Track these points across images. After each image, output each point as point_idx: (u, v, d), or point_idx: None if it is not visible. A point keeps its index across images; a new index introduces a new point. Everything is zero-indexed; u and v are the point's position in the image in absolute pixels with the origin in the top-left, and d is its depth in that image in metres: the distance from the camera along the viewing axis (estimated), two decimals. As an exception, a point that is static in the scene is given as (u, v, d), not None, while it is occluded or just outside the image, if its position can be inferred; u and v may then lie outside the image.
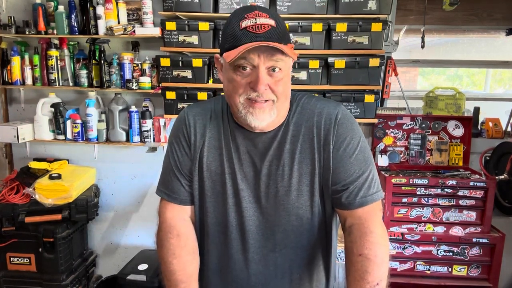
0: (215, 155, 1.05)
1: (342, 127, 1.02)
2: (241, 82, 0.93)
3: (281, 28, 0.93)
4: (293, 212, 1.03)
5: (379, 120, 2.61)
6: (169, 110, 2.50)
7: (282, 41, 0.91)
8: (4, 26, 2.48)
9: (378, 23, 2.27)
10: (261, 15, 0.91)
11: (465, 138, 2.62)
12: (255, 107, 0.94)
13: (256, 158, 1.03)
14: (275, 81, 0.93)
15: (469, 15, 2.81)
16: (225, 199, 1.05)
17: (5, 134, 2.53)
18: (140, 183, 2.84)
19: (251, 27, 0.90)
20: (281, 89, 0.95)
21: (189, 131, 1.07)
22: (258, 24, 0.90)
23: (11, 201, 2.46)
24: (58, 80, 2.56)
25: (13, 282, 2.54)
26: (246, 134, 1.03)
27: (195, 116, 1.08)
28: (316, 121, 1.02)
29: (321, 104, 1.05)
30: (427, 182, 2.28)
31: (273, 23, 0.91)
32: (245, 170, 1.03)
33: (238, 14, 0.94)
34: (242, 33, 0.90)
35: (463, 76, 5.63)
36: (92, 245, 2.93)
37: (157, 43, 2.51)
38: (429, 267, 2.34)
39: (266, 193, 1.03)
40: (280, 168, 1.02)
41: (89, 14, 2.45)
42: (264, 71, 0.92)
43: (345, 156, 1.01)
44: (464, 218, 2.32)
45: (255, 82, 0.91)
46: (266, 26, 0.90)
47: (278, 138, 1.02)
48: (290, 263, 1.07)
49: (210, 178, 1.06)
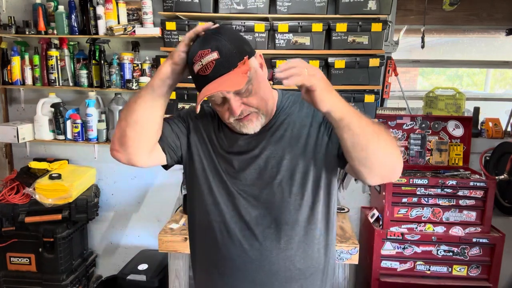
0: (206, 148, 1.12)
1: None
2: (222, 111, 1.02)
3: (226, 55, 0.93)
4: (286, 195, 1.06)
5: (379, 120, 2.61)
6: (169, 110, 2.49)
7: (230, 67, 0.93)
8: (4, 26, 2.48)
9: (378, 23, 2.27)
10: (204, 54, 0.93)
11: (465, 138, 2.62)
12: (243, 121, 1.02)
13: (250, 145, 1.08)
14: (248, 98, 0.99)
15: (469, 15, 2.81)
16: (224, 184, 1.08)
17: (5, 134, 2.53)
18: (140, 183, 2.84)
19: (201, 70, 0.94)
20: (256, 101, 1.00)
21: (195, 115, 1.15)
22: (205, 65, 0.93)
23: (11, 201, 2.46)
24: (58, 80, 2.56)
25: (13, 282, 2.54)
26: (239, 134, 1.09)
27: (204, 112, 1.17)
28: (298, 111, 1.10)
29: (298, 97, 1.12)
30: (427, 182, 2.28)
31: (216, 55, 0.93)
32: (239, 164, 1.08)
33: (190, 57, 0.98)
34: (196, 78, 0.97)
35: (463, 76, 5.63)
36: (92, 245, 2.93)
37: (157, 43, 2.51)
38: (429, 267, 2.34)
39: (260, 179, 1.07)
40: (273, 159, 1.06)
41: (89, 14, 2.45)
42: (233, 98, 0.97)
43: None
44: (464, 218, 2.32)
45: (231, 111, 0.99)
46: (210, 63, 0.93)
47: (270, 128, 1.08)
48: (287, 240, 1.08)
49: (203, 170, 1.13)
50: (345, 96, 2.37)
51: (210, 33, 0.97)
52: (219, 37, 0.95)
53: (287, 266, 1.06)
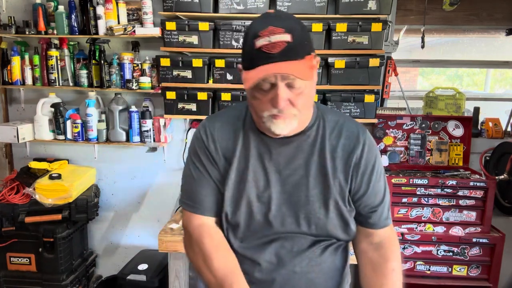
0: (240, 165, 1.05)
1: (370, 152, 1.06)
2: (262, 100, 0.93)
3: (298, 41, 0.88)
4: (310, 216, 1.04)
5: (379, 120, 2.61)
6: (169, 110, 2.50)
7: (298, 56, 0.88)
8: (4, 26, 2.48)
9: (378, 23, 2.27)
10: (276, 31, 0.86)
11: (465, 138, 2.62)
12: (277, 118, 0.94)
13: (280, 163, 1.04)
14: (296, 94, 0.92)
15: (469, 15, 2.81)
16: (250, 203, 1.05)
17: (5, 134, 2.53)
18: (140, 183, 2.84)
19: (266, 47, 0.87)
20: (301, 102, 0.94)
21: (209, 144, 1.06)
22: (273, 42, 0.86)
23: (11, 201, 2.46)
24: (58, 80, 2.56)
25: (13, 282, 2.54)
26: (268, 140, 1.03)
27: (215, 130, 1.07)
28: (343, 143, 1.04)
29: (348, 124, 1.07)
30: (427, 182, 2.28)
31: (289, 38, 0.87)
32: (269, 176, 1.04)
33: (254, 30, 0.90)
34: (257, 54, 0.88)
35: (463, 76, 5.64)
36: (92, 245, 2.93)
37: (157, 43, 2.51)
38: (429, 267, 2.34)
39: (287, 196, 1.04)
40: (304, 178, 1.03)
41: (89, 14, 2.45)
42: (283, 88, 0.90)
43: (376, 181, 1.07)
44: (464, 218, 2.32)
45: (275, 100, 0.91)
46: (280, 44, 0.86)
47: (302, 147, 1.04)
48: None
49: (236, 186, 1.05)
50: (345, 96, 2.39)
51: (283, 13, 0.91)
52: (293, 21, 0.91)
53: None
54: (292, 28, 0.88)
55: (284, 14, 0.95)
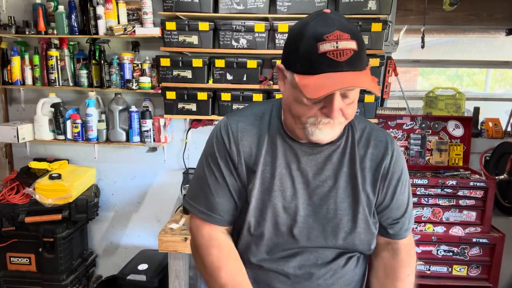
0: (266, 173, 0.99)
1: (397, 163, 1.03)
2: (312, 107, 0.87)
3: (362, 49, 0.83)
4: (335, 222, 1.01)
5: (379, 120, 2.61)
6: (169, 110, 2.49)
7: (363, 66, 0.83)
8: (4, 26, 2.48)
9: (378, 23, 2.26)
10: (343, 37, 0.80)
11: (465, 138, 2.62)
12: (326, 125, 0.90)
13: (309, 172, 0.99)
14: (347, 104, 0.88)
15: (469, 15, 2.82)
16: (276, 210, 1.00)
17: (5, 134, 2.53)
18: (140, 183, 2.84)
19: (332, 53, 0.80)
20: (351, 112, 0.90)
21: (231, 148, 1.00)
22: (340, 49, 0.80)
23: (11, 201, 2.46)
24: (58, 80, 2.56)
25: (13, 282, 2.54)
26: (296, 147, 0.99)
27: (238, 132, 1.00)
28: (371, 153, 1.02)
29: (376, 132, 1.05)
30: (427, 182, 2.28)
31: (355, 46, 0.81)
32: (296, 186, 0.99)
33: (315, 31, 0.82)
34: (321, 59, 0.81)
35: (463, 76, 5.63)
36: (92, 245, 2.93)
37: (157, 43, 2.51)
38: (429, 267, 2.34)
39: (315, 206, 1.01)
40: (333, 190, 1.00)
41: (89, 14, 2.45)
42: (339, 98, 0.85)
43: (400, 193, 1.04)
44: (464, 218, 2.32)
45: (329, 111, 0.85)
46: (348, 51, 0.80)
47: (331, 157, 1.00)
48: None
49: (261, 196, 0.99)
50: (345, 96, 2.38)
51: (340, 15, 0.85)
52: (353, 25, 0.85)
53: None
54: (356, 34, 0.83)
55: (341, 16, 0.87)
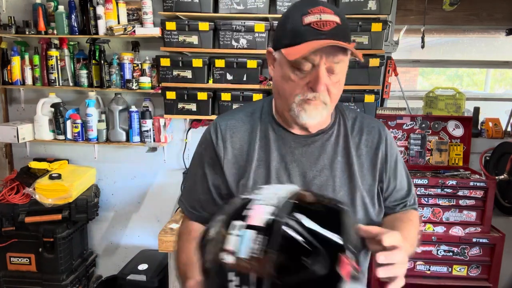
0: (260, 168, 1.00)
1: (392, 147, 1.05)
2: (298, 82, 0.89)
3: (346, 26, 0.88)
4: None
5: (379, 120, 2.61)
6: (169, 110, 2.50)
7: (346, 39, 0.87)
8: (4, 26, 2.48)
9: (378, 23, 2.27)
10: (326, 11, 0.85)
11: (465, 138, 2.62)
12: (310, 104, 0.90)
13: (305, 164, 0.99)
14: (333, 82, 0.90)
15: (469, 15, 2.81)
16: None
17: (5, 134, 2.53)
18: (140, 183, 2.84)
19: (316, 23, 0.84)
20: (336, 91, 0.91)
21: (218, 145, 1.01)
22: (323, 20, 0.84)
23: (11, 201, 2.46)
24: (58, 80, 2.56)
25: (13, 282, 2.54)
26: (290, 140, 1.00)
27: (228, 129, 1.02)
28: (366, 139, 1.03)
29: (367, 120, 1.07)
30: (427, 182, 2.28)
31: (338, 20, 0.86)
32: (292, 178, 0.99)
33: (299, 9, 0.88)
34: (306, 29, 0.84)
35: (463, 76, 5.63)
36: (92, 245, 2.93)
37: (157, 43, 2.51)
38: (429, 267, 2.34)
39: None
40: (329, 179, 1.00)
41: (89, 14, 2.45)
42: (324, 71, 0.86)
43: (401, 174, 1.07)
44: (464, 218, 2.32)
45: (315, 82, 0.86)
46: (331, 23, 0.84)
47: (325, 146, 1.01)
48: None
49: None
50: (345, 96, 2.38)
51: (331, 4, 0.91)
52: (340, 11, 0.90)
53: None
54: (339, 13, 0.88)
55: (329, 2, 0.95)
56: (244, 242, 0.61)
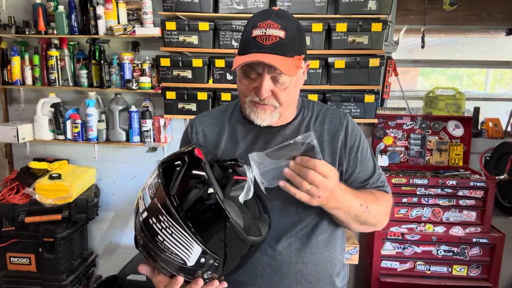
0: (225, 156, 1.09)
1: (353, 133, 1.12)
2: (248, 86, 1.00)
3: (290, 40, 0.95)
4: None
5: (379, 120, 2.61)
6: (169, 110, 2.50)
7: (287, 53, 0.94)
8: (4, 26, 2.48)
9: (378, 23, 2.27)
10: (272, 26, 0.94)
11: (465, 138, 2.62)
12: (257, 107, 1.01)
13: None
14: (280, 89, 0.99)
15: (469, 15, 2.81)
16: None
17: (5, 134, 2.53)
18: (140, 183, 2.83)
19: (260, 37, 0.94)
20: (284, 97, 1.00)
21: (192, 137, 1.15)
22: (267, 35, 0.93)
23: (11, 201, 2.46)
24: (58, 80, 2.56)
25: (13, 282, 2.54)
26: (255, 131, 1.10)
27: (201, 124, 1.15)
28: (327, 128, 1.11)
29: (331, 111, 1.15)
30: (427, 182, 2.28)
31: (282, 35, 0.93)
32: None
33: (254, 21, 0.97)
34: (252, 41, 0.95)
35: (463, 76, 5.63)
36: (92, 245, 2.93)
37: (157, 43, 2.51)
38: (429, 267, 2.34)
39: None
40: None
41: (89, 14, 2.45)
42: (267, 79, 0.96)
43: (363, 159, 1.12)
44: (464, 218, 2.32)
45: (258, 90, 0.97)
46: (273, 37, 0.93)
47: (288, 136, 1.09)
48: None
49: None
50: (345, 96, 2.39)
51: (285, 12, 0.99)
52: (292, 22, 0.97)
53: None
54: (288, 27, 0.95)
55: (286, 14, 1.00)
56: (153, 180, 0.92)
